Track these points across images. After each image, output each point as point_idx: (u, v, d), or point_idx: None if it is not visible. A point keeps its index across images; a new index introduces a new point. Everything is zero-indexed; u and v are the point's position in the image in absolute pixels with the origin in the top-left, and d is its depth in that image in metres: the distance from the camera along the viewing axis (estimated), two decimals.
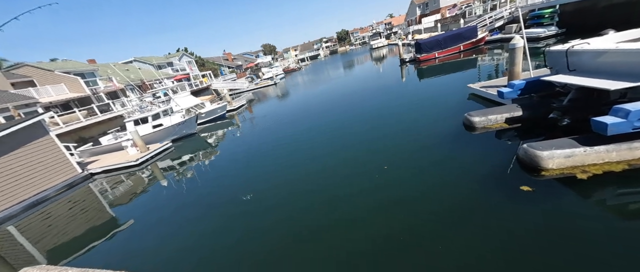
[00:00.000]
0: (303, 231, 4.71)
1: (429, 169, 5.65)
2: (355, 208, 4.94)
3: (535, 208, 3.85)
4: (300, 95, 22.58)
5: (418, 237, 3.88)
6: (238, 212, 5.98)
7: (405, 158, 6.42)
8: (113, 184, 10.55)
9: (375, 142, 7.88)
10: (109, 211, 8.23)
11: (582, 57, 5.47)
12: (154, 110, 14.87)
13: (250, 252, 4.53)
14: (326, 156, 7.85)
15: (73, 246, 6.39)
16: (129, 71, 30.56)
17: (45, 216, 8.73)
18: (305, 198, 5.80)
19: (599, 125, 4.03)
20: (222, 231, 5.43)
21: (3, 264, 6.40)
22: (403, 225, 4.19)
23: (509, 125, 6.51)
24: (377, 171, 6.03)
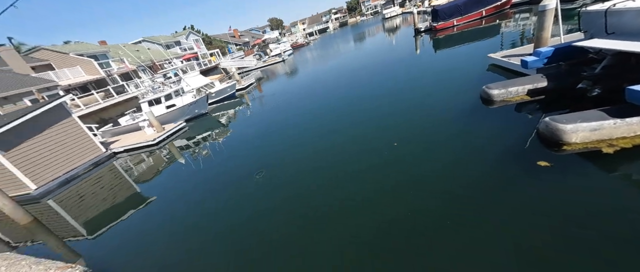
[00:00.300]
0: (311, 208, 4.86)
1: (440, 146, 5.51)
2: (363, 186, 4.99)
3: (553, 184, 3.72)
4: (309, 72, 22.05)
5: (428, 215, 3.91)
6: (251, 189, 6.23)
7: (416, 135, 6.27)
8: (135, 163, 11.19)
9: (385, 119, 7.70)
10: (134, 187, 8.84)
11: (623, 18, 4.85)
12: (165, 91, 15.13)
13: (261, 229, 4.79)
14: (335, 133, 7.81)
15: (105, 219, 7.01)
16: (139, 52, 30.72)
17: (78, 192, 9.53)
18: (314, 175, 5.91)
19: (635, 94, 3.68)
20: (236, 207, 5.72)
21: (49, 234, 7.19)
22: (413, 202, 4.21)
23: (530, 98, 6.10)
24: (386, 148, 5.96)
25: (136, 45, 35.08)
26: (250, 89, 21.59)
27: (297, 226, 4.49)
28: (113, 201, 8.07)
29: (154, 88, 15.95)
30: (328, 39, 54.97)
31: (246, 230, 4.83)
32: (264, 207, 5.36)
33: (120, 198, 8.18)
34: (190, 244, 4.93)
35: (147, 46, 34.67)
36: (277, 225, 4.68)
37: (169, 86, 16.08)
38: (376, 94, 10.25)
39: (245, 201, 5.81)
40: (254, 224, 4.91)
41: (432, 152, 5.38)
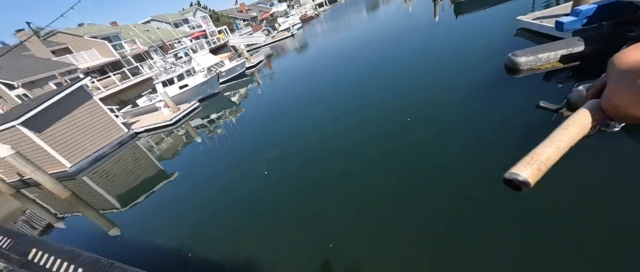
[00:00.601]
0: (323, 182, 4.95)
1: (458, 122, 5.26)
2: (374, 162, 4.96)
3: (578, 160, 3.49)
4: (320, 47, 21.21)
5: (443, 196, 3.86)
6: (264, 165, 6.40)
7: (432, 109, 6.00)
8: (156, 142, 11.75)
9: (400, 94, 7.40)
10: (157, 165, 9.38)
11: None
12: (177, 71, 15.26)
13: (274, 201, 4.98)
14: (348, 108, 7.66)
15: (135, 193, 7.59)
16: (149, 32, 30.69)
17: (107, 169, 10.28)
18: (325, 151, 5.93)
19: None
20: (251, 181, 5.95)
21: (86, 206, 7.95)
22: (426, 182, 4.16)
23: (563, 65, 5.55)
24: (400, 124, 5.79)
25: (146, 25, 34.95)
26: (260, 66, 21.28)
27: (309, 199, 4.62)
28: (140, 177, 8.66)
29: (166, 68, 16.12)
30: (339, 10, 51.84)
31: (260, 201, 5.06)
32: (277, 181, 5.53)
33: (146, 174, 8.75)
34: (210, 214, 5.28)
35: (156, 25, 34.49)
36: (289, 198, 4.85)
37: (180, 66, 16.17)
38: (390, 67, 9.76)
39: (259, 176, 6.01)
40: (268, 196, 5.12)
41: (448, 127, 5.17)
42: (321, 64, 14.62)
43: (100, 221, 6.90)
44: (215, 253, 4.24)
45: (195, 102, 14.55)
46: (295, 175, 5.53)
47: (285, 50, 25.83)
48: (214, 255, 4.20)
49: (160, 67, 16.86)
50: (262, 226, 4.46)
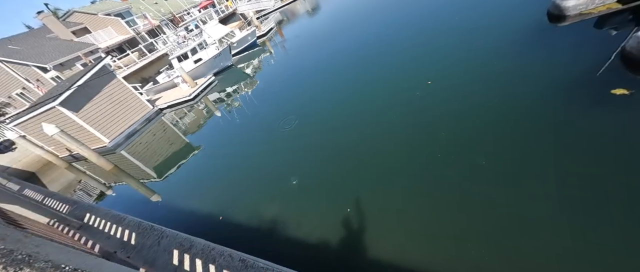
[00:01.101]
0: (341, 149, 5.00)
1: (491, 80, 4.83)
2: (393, 126, 4.85)
3: (625, 115, 3.13)
4: (334, 8, 19.67)
5: (463, 159, 3.74)
6: (283, 134, 6.54)
7: (459, 70, 5.53)
8: (180, 117, 12.34)
9: (423, 55, 6.85)
10: (184, 138, 9.98)
11: None
12: (190, 45, 15.20)
13: (297, 168, 5.18)
14: (365, 74, 7.33)
15: (167, 164, 8.28)
16: (157, 5, 30.11)
17: (141, 143, 11.16)
18: (344, 117, 5.88)
19: None
20: (272, 151, 6.17)
21: (128, 177, 8.87)
22: (449, 144, 4.02)
23: (622, 6, 4.70)
24: (419, 87, 5.46)
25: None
26: (271, 34, 20.49)
27: (329, 165, 4.75)
28: (170, 150, 9.35)
29: (180, 43, 16.09)
30: None
31: (281, 167, 5.31)
32: (297, 149, 5.69)
33: (175, 148, 9.41)
34: (236, 181, 5.69)
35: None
36: (309, 163, 5.01)
37: (193, 39, 16.04)
38: (412, 23, 8.92)
39: (279, 144, 6.20)
40: (289, 163, 5.34)
41: (480, 88, 4.80)
42: (335, 28, 13.72)
43: (141, 189, 7.74)
44: (243, 215, 4.65)
45: (211, 76, 14.69)
46: (314, 142, 5.64)
47: (296, 15, 24.36)
48: (242, 217, 4.63)
49: (174, 41, 16.86)
50: (284, 191, 4.75)
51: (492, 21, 6.41)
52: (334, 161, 4.86)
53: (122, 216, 3.93)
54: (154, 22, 26.66)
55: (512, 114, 3.95)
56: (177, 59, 15.37)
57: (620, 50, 3.77)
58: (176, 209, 5.80)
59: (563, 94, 3.82)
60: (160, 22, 27.02)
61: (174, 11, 27.09)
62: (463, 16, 7.59)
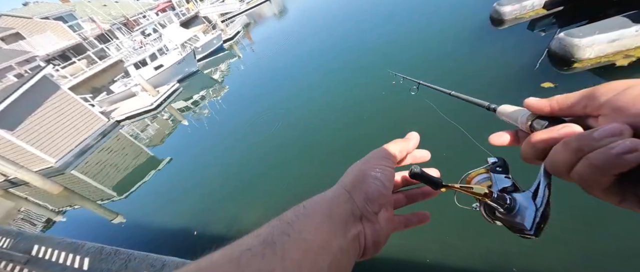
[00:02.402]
0: (317, 150, 5.09)
1: (442, 77, 5.31)
2: (363, 122, 5.07)
3: None
4: (302, 10, 19.81)
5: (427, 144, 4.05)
6: (256, 139, 6.43)
7: (420, 68, 5.98)
8: (141, 129, 11.38)
9: (387, 53, 7.26)
10: (147, 151, 9.23)
11: None
12: (149, 51, 14.15)
13: (272, 173, 5.14)
14: (336, 73, 7.53)
15: (130, 180, 7.59)
16: (107, 7, 27.42)
17: (95, 161, 10.06)
18: (315, 118, 5.98)
19: None
20: (246, 158, 6.03)
21: (83, 199, 7.95)
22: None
23: (548, 11, 5.51)
24: (384, 88, 5.80)
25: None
26: (239, 38, 19.93)
27: (304, 167, 4.80)
28: (132, 165, 8.58)
29: (136, 48, 14.87)
30: None
31: (256, 173, 5.23)
32: (271, 153, 5.64)
33: (138, 162, 8.66)
34: (209, 193, 5.45)
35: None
36: (285, 167, 5.01)
37: (151, 44, 14.94)
38: (376, 25, 9.39)
39: (252, 151, 6.08)
40: (264, 169, 5.28)
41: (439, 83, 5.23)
42: (304, 30, 13.84)
43: (99, 211, 7.00)
44: (220, 227, 4.48)
45: (175, 83, 13.81)
46: (290, 145, 5.64)
47: (264, 18, 24.04)
48: (219, 229, 4.45)
49: (129, 47, 15.53)
50: (262, 197, 4.68)
51: (446, 24, 7.05)
52: (312, 162, 4.93)
53: (79, 243, 3.53)
54: (103, 26, 24.22)
55: (466, 105, 4.38)
56: (134, 66, 14.17)
57: (547, 49, 4.42)
58: (144, 229, 5.37)
59: (506, 86, 4.37)
60: (111, 26, 24.66)
61: (126, 14, 24.91)
62: (420, 19, 8.23)
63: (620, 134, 0.21)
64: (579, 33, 3.87)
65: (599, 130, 0.22)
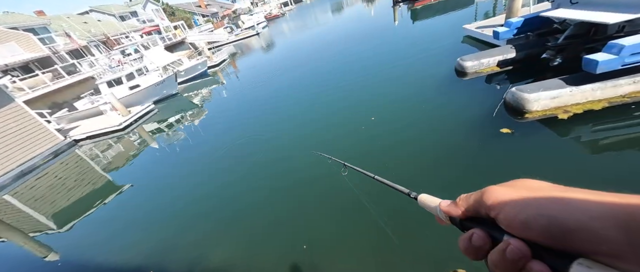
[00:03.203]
0: (292, 183, 4.93)
1: (415, 118, 5.71)
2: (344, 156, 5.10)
3: (512, 147, 4.10)
4: (288, 45, 20.99)
5: (401, 179, 4.15)
6: (231, 169, 6.11)
7: (393, 109, 6.39)
8: (102, 150, 10.34)
9: (363, 92, 7.74)
10: (105, 176, 8.26)
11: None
12: (126, 70, 13.66)
13: (245, 205, 4.80)
14: (316, 109, 7.74)
15: (76, 209, 6.58)
16: (87, 24, 26.80)
17: (38, 184, 8.72)
18: (295, 151, 5.91)
19: (589, 63, 4.00)
20: (215, 188, 5.63)
21: (11, 230, 6.64)
22: (388, 170, 4.43)
23: (500, 69, 6.41)
24: (364, 122, 6.05)
25: (83, 16, 30.45)
26: (224, 65, 20.21)
27: (280, 203, 4.56)
28: (83, 191, 7.54)
29: (112, 67, 14.31)
30: (304, 9, 51.89)
31: (228, 205, 4.83)
32: (246, 184, 5.33)
33: (91, 187, 7.65)
34: (173, 224, 4.85)
35: (97, 18, 30.33)
36: (258, 200, 4.72)
37: (130, 64, 14.52)
38: (355, 67, 10.12)
39: (225, 180, 5.72)
40: (236, 200, 4.91)
41: (407, 124, 5.59)
42: (289, 63, 14.48)
43: (29, 246, 5.83)
44: (183, 263, 3.92)
45: (150, 104, 13.21)
46: (265, 174, 5.40)
47: (251, 49, 24.95)
48: (180, 266, 3.89)
49: (105, 64, 14.90)
50: (231, 230, 4.26)
51: (418, 74, 7.83)
52: (288, 193, 4.72)
53: None
54: (79, 42, 23.35)
55: (434, 146, 4.75)
56: (106, 84, 13.46)
57: (503, 100, 5.03)
58: (84, 269, 4.51)
59: (470, 130, 4.81)
60: (88, 42, 23.86)
61: (108, 33, 24.46)
62: (398, 66, 9.06)
63: (525, 256, 0.27)
64: (527, 89, 4.51)
65: (506, 252, 0.28)
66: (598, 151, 3.67)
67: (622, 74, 4.07)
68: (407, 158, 4.64)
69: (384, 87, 7.71)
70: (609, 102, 4.22)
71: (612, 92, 4.19)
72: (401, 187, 0.61)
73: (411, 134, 5.23)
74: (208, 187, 5.77)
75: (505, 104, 4.95)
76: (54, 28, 23.57)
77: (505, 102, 4.97)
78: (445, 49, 8.97)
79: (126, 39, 21.48)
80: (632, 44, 3.71)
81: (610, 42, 3.91)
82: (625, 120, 3.94)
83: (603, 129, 3.96)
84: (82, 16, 30.25)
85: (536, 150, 3.94)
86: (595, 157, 3.59)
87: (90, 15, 31.08)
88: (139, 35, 26.28)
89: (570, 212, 0.26)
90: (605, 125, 3.99)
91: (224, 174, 6.04)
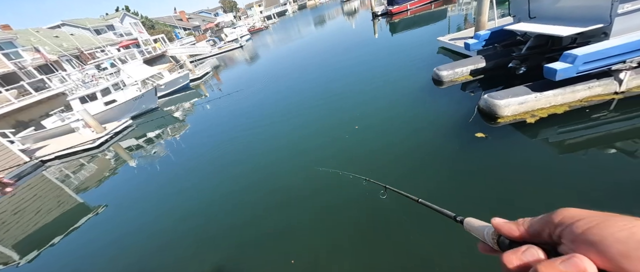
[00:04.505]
0: (277, 196, 4.86)
1: (398, 126, 5.91)
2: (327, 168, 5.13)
3: (487, 150, 4.33)
4: (272, 57, 21.14)
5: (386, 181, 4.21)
6: (216, 186, 5.92)
7: (376, 117, 6.57)
8: (73, 170, 9.65)
9: (347, 102, 7.91)
10: (76, 198, 7.68)
11: (542, 4, 5.62)
12: (101, 85, 13.07)
13: (228, 222, 4.64)
14: (302, 119, 7.77)
15: (42, 236, 6.02)
16: (59, 39, 25.55)
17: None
18: (281, 165, 5.86)
19: (549, 71, 4.37)
20: (200, 204, 5.41)
21: None
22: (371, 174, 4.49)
23: (473, 77, 6.83)
24: (348, 131, 6.15)
25: (54, 30, 29.03)
26: (207, 78, 19.92)
27: (265, 216, 4.46)
28: (50, 216, 6.93)
29: (86, 82, 13.64)
30: (288, 22, 52.90)
31: (211, 222, 4.63)
32: (230, 199, 5.17)
33: (59, 211, 7.06)
34: (154, 246, 4.55)
35: (70, 31, 29.03)
36: (243, 216, 4.58)
37: (105, 79, 13.93)
38: (338, 77, 10.36)
39: (208, 196, 5.51)
40: (220, 217, 4.73)
41: (390, 131, 5.76)
42: (272, 75, 14.54)
43: None
44: None
45: (127, 119, 12.64)
46: (250, 189, 5.26)
47: (235, 61, 24.86)
48: None
49: (77, 80, 14.17)
50: (215, 251, 4.07)
51: (398, 83, 8.18)
52: (274, 205, 4.62)
53: None
54: (49, 57, 22.15)
55: (415, 150, 4.93)
56: (79, 100, 12.76)
57: (477, 106, 5.34)
58: None
59: (449, 135, 5.04)
60: (59, 57, 22.68)
61: (82, 47, 23.42)
62: (380, 76, 9.38)
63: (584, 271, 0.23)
64: (498, 95, 4.84)
65: (564, 262, 0.24)
66: (563, 151, 3.96)
67: (578, 81, 4.49)
68: (391, 162, 4.75)
69: (366, 96, 7.93)
70: (569, 107, 4.61)
71: (571, 97, 4.59)
72: (446, 211, 0.56)
73: (394, 140, 5.38)
74: (190, 205, 5.53)
75: (479, 110, 5.26)
76: (21, 43, 22.24)
77: (479, 109, 5.28)
78: (423, 59, 9.46)
79: (102, 53, 20.66)
80: (584, 53, 4.12)
81: (565, 52, 4.32)
82: (584, 122, 4.31)
83: (566, 130, 4.30)
84: (53, 30, 28.85)
85: (508, 152, 4.18)
86: (561, 157, 3.87)
87: (63, 29, 29.70)
88: (116, 49, 25.41)
89: None
90: (568, 127, 4.34)
91: (207, 191, 5.82)
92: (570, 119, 4.43)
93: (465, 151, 4.48)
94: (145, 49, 28.38)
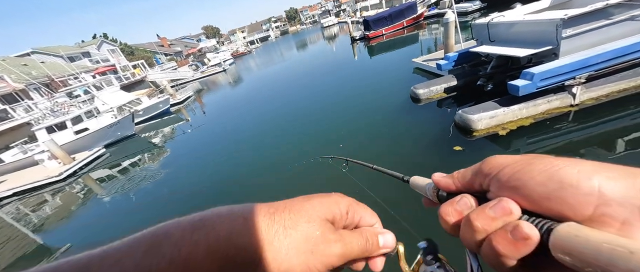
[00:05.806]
0: None
1: (380, 141, 6.10)
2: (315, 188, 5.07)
3: (465, 163, 4.45)
4: (255, 80, 21.39)
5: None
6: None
7: (360, 135, 6.72)
8: (33, 207, 8.71)
9: (331, 121, 8.07)
10: (34, 238, 6.85)
11: (499, 29, 6.30)
12: (72, 113, 12.38)
13: None
14: (286, 137, 7.75)
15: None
16: (28, 67, 24.30)
17: None
18: (265, 185, 5.70)
19: (513, 87, 4.79)
20: None
21: None
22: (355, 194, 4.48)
23: (447, 95, 7.29)
24: (333, 151, 6.21)
25: (23, 58, 27.70)
26: (189, 102, 19.57)
27: None
28: (3, 263, 6.06)
29: (54, 110, 12.87)
30: (271, 47, 54.54)
31: None
32: None
33: (16, 255, 6.21)
34: None
35: (41, 59, 27.79)
36: None
37: (77, 107, 13.24)
38: (321, 98, 10.63)
39: None
40: None
41: (374, 147, 5.89)
42: (255, 98, 14.62)
43: None
44: None
45: (100, 148, 11.90)
46: None
47: (218, 85, 24.82)
48: None
49: (45, 108, 13.35)
50: None
51: (379, 102, 8.55)
52: None
53: None
54: (15, 85, 20.86)
55: (399, 165, 5.06)
56: (45, 130, 11.91)
57: (454, 122, 5.66)
58: None
59: (429, 150, 5.27)
60: (26, 85, 21.42)
61: (54, 74, 22.38)
62: (360, 96, 9.78)
63: (510, 213, 0.24)
64: (471, 111, 5.18)
65: (492, 208, 0.25)
66: None
67: (538, 96, 4.94)
68: (375, 178, 4.78)
69: (349, 115, 8.15)
70: (534, 119, 5.01)
71: (534, 110, 5.01)
72: (395, 172, 0.58)
73: (378, 156, 5.49)
74: None
75: (456, 125, 5.55)
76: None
77: (455, 124, 5.58)
78: (400, 79, 10.02)
79: (75, 80, 19.82)
80: (540, 71, 4.59)
81: (524, 71, 4.79)
82: (548, 133, 4.68)
83: (534, 141, 4.63)
84: (21, 58, 27.54)
85: None
86: None
87: (32, 57, 28.38)
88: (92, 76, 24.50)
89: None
90: (535, 137, 4.69)
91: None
92: (536, 130, 4.80)
93: (445, 164, 4.65)
94: (123, 75, 27.68)
